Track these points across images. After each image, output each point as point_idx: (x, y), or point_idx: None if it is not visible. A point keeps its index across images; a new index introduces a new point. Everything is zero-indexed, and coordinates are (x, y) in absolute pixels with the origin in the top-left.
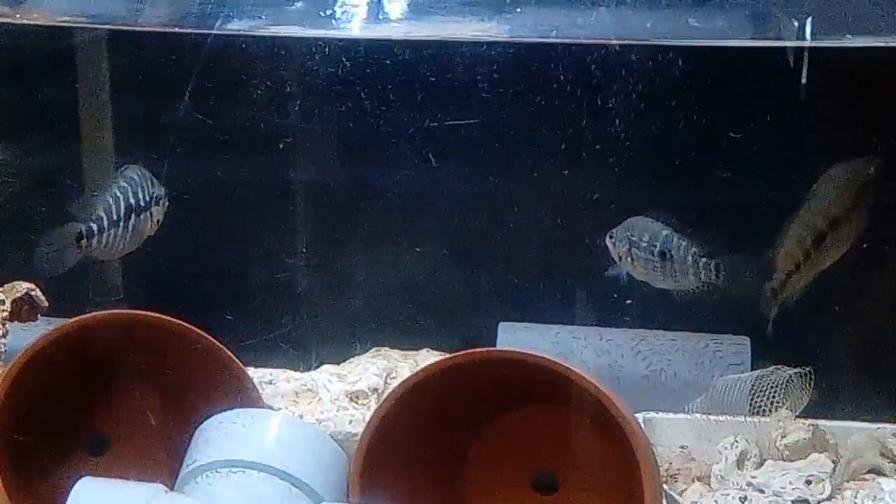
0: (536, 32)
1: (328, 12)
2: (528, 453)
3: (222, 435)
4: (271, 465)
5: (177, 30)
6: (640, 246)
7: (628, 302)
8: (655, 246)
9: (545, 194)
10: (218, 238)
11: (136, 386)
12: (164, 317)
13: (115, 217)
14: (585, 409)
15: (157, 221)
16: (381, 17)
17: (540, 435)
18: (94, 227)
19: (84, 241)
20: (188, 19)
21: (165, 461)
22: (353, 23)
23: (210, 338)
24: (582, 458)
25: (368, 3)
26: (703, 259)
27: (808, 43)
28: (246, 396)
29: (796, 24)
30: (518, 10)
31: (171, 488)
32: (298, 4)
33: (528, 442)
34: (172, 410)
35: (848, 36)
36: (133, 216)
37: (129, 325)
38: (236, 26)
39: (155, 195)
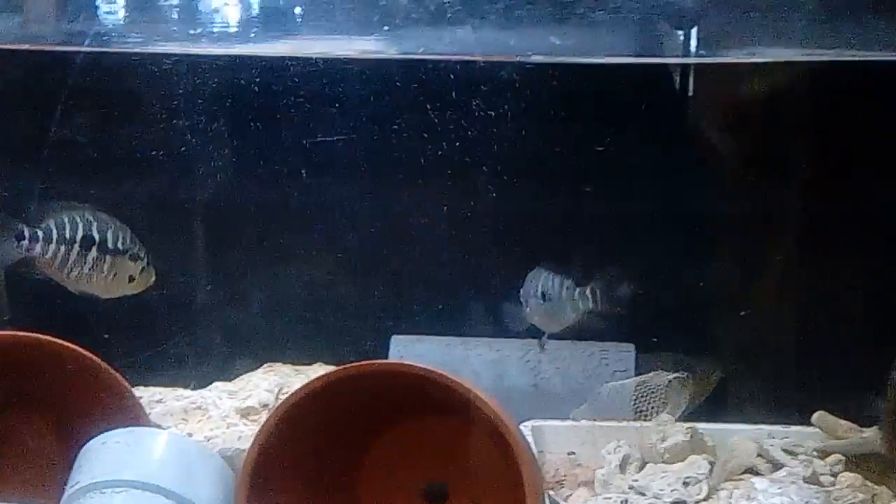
0: (407, 49)
1: (209, 29)
2: (420, 465)
3: (105, 455)
4: (155, 484)
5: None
6: (531, 293)
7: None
8: (538, 289)
9: (434, 208)
10: None
11: (19, 409)
12: (42, 336)
13: (66, 236)
14: (471, 420)
15: (130, 277)
16: (252, 34)
17: (430, 446)
18: (39, 233)
19: (24, 242)
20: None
21: (51, 483)
22: (236, 40)
23: (91, 356)
24: (470, 468)
25: (246, 21)
26: (577, 289)
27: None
28: (131, 415)
29: (681, 34)
30: (385, 28)
31: None
32: (180, 22)
33: (419, 453)
34: (56, 432)
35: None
36: (95, 250)
37: (6, 347)
38: (117, 44)
39: (131, 251)
